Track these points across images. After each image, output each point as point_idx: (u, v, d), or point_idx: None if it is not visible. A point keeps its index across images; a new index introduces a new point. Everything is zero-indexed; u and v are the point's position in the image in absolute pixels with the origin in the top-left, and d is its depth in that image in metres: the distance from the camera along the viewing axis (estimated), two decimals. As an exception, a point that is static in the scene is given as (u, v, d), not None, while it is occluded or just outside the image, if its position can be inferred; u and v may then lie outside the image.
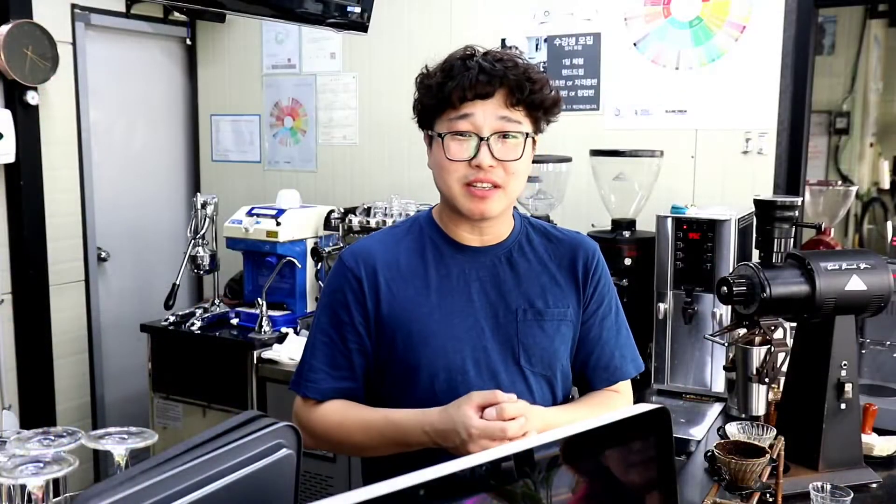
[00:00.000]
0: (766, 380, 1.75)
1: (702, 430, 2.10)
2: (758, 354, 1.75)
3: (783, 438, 1.61)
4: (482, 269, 1.41)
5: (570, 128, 3.03)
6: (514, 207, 1.48)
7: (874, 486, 1.69)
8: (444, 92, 1.32)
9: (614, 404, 1.46)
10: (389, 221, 3.02)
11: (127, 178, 3.69)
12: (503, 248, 1.42)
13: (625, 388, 1.50)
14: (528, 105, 1.34)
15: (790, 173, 2.72)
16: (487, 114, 1.31)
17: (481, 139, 1.31)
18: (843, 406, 1.71)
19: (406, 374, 1.38)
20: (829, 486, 1.48)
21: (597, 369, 1.46)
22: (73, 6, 3.30)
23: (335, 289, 1.41)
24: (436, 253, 1.41)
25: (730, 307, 1.90)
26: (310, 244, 3.12)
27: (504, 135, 1.32)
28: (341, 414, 1.38)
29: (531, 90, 1.32)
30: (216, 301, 3.16)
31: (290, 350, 2.80)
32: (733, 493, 1.53)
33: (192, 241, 3.11)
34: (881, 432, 1.88)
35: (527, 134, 1.34)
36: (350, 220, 3.12)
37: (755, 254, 1.84)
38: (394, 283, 1.38)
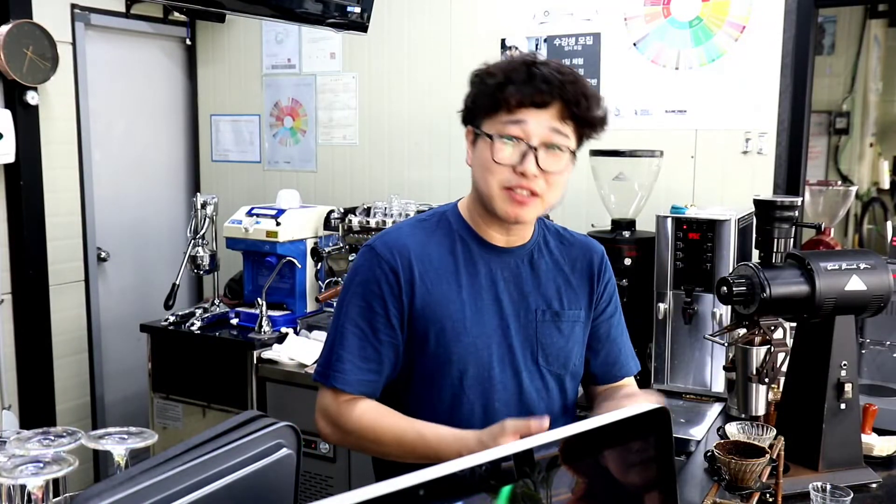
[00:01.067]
0: (766, 380, 1.75)
1: (702, 430, 2.10)
2: (758, 354, 1.75)
3: (783, 438, 1.60)
4: (506, 269, 1.43)
5: (570, 128, 3.03)
6: None
7: (874, 486, 1.69)
8: (503, 93, 1.32)
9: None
10: (389, 221, 3.02)
11: (127, 178, 3.69)
12: (525, 250, 1.46)
13: (632, 383, 1.56)
14: (579, 121, 1.35)
15: (790, 173, 2.72)
16: (540, 123, 1.32)
17: (530, 147, 1.31)
18: (843, 406, 1.71)
19: (436, 369, 1.39)
20: (829, 486, 1.48)
21: (606, 365, 1.52)
22: (73, 6, 3.30)
23: (368, 279, 1.40)
24: (465, 250, 1.43)
25: (730, 307, 1.90)
26: (310, 244, 3.12)
27: (551, 146, 1.33)
28: (376, 419, 1.37)
29: (586, 107, 1.33)
30: (216, 301, 3.16)
31: (290, 350, 2.80)
32: (733, 493, 1.53)
33: (192, 241, 3.11)
34: (881, 432, 1.88)
35: (571, 150, 1.36)
36: (350, 220, 3.12)
37: (755, 254, 1.84)
38: (427, 278, 1.39)
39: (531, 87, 1.30)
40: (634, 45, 2.92)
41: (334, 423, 1.40)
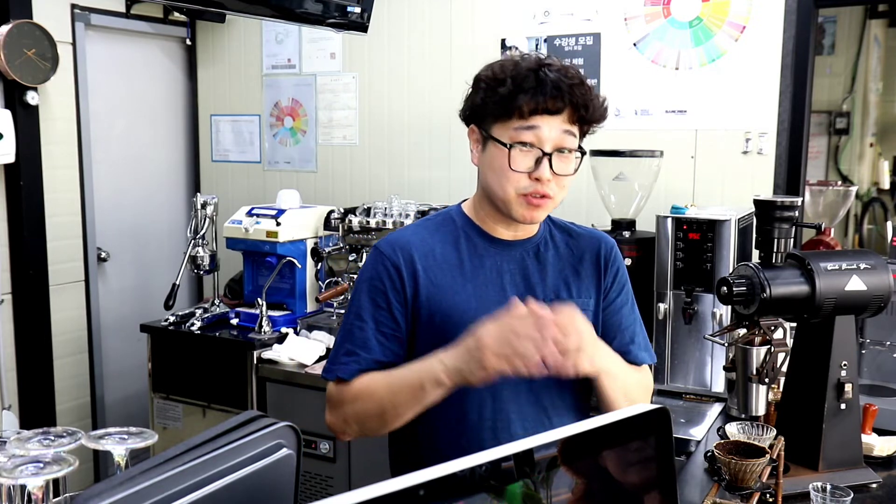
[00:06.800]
0: (766, 380, 1.75)
1: (702, 430, 2.10)
2: (758, 354, 1.75)
3: (783, 438, 1.60)
4: (512, 262, 1.46)
5: (570, 128, 3.03)
6: None
7: (874, 486, 1.69)
8: (516, 102, 1.34)
9: (643, 377, 1.51)
10: (389, 221, 3.02)
11: (127, 178, 3.69)
12: (532, 243, 1.49)
13: (645, 370, 1.54)
14: (586, 122, 1.39)
15: (790, 173, 2.72)
16: (553, 128, 1.35)
17: (544, 153, 1.35)
18: (843, 406, 1.71)
19: None
20: (829, 487, 1.48)
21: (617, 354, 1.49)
22: (73, 6, 3.30)
23: (372, 276, 1.44)
24: (469, 244, 1.46)
25: (730, 307, 1.90)
26: (310, 244, 3.12)
27: (562, 150, 1.37)
28: (370, 378, 1.40)
29: (593, 109, 1.38)
30: (216, 301, 3.16)
31: (290, 350, 2.80)
32: (733, 493, 1.53)
33: (192, 241, 3.11)
34: (881, 432, 1.88)
35: (580, 149, 1.40)
36: (350, 220, 3.12)
37: (755, 254, 1.84)
38: (431, 272, 1.42)
39: (543, 95, 1.33)
40: (634, 45, 2.91)
41: (336, 405, 1.43)
